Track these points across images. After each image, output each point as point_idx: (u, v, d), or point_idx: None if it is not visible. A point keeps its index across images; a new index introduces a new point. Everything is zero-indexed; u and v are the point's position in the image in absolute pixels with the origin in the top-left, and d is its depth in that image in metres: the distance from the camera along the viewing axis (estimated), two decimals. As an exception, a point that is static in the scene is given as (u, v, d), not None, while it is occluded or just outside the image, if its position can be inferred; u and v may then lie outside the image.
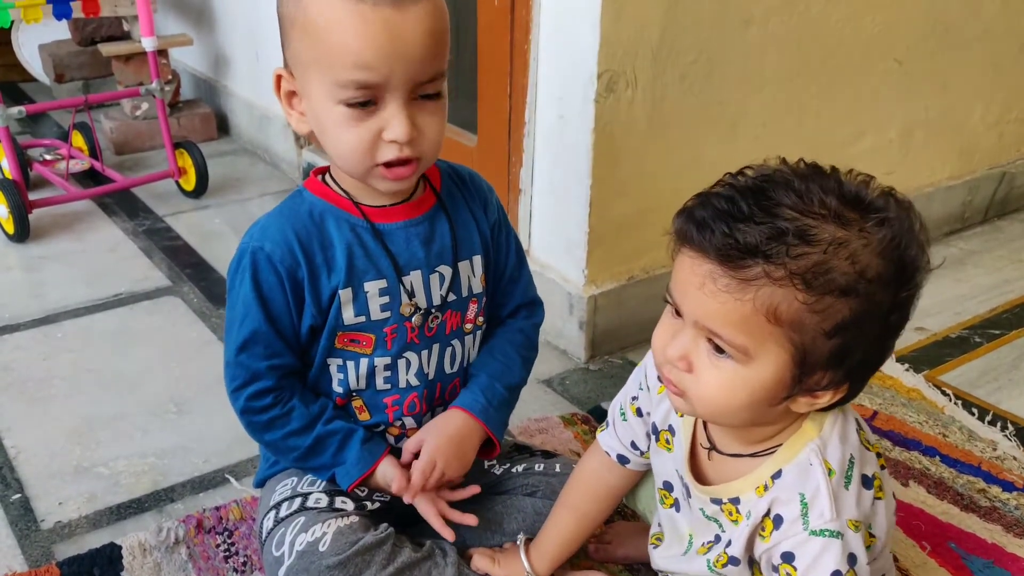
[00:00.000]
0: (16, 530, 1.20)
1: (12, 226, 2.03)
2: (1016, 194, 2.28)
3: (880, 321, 0.74)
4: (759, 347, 0.74)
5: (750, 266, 0.71)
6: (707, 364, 0.77)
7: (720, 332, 0.74)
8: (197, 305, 1.79)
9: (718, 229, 0.72)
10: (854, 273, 0.71)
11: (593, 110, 1.44)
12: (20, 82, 3.16)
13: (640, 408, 0.98)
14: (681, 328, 0.78)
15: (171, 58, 2.79)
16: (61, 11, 2.16)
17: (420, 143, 0.92)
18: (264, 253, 0.97)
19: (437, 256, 1.04)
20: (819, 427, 0.81)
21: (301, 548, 0.97)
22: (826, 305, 0.71)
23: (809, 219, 0.71)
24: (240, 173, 2.53)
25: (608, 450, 1.03)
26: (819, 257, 0.70)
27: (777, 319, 0.72)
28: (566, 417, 1.43)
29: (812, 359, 0.74)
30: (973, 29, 1.94)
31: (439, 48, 0.90)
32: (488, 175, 1.69)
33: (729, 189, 0.75)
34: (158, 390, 1.50)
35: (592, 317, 1.57)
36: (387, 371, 1.04)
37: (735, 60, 1.57)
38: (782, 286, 0.71)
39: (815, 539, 0.77)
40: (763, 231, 0.71)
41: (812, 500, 0.78)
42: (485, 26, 1.61)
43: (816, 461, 0.79)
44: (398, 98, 0.89)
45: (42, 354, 1.62)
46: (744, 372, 0.75)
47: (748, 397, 0.76)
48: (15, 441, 1.37)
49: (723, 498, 0.85)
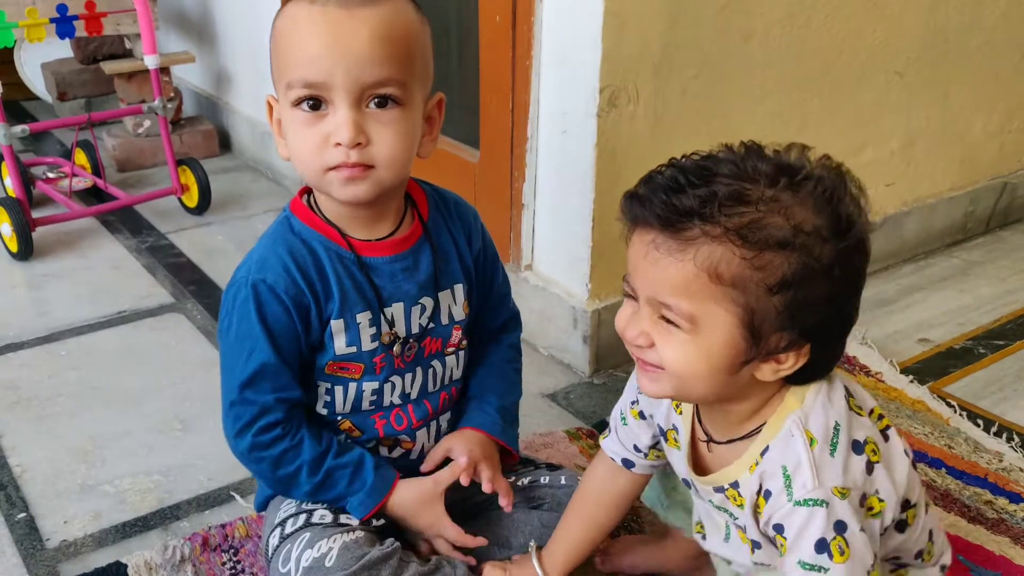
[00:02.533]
0: (22, 549, 1.20)
1: (16, 244, 2.03)
2: (1018, 204, 2.28)
3: (825, 277, 0.75)
4: (705, 312, 0.76)
5: (688, 227, 0.75)
6: (664, 339, 0.79)
7: (667, 301, 0.77)
8: (201, 322, 1.79)
9: (657, 199, 0.76)
10: (789, 227, 0.74)
11: (595, 125, 1.44)
12: (23, 100, 3.17)
13: (642, 411, 1.00)
14: (637, 309, 0.81)
15: (173, 75, 2.80)
16: (64, 30, 2.17)
17: (370, 151, 0.92)
18: (266, 285, 0.97)
19: (420, 288, 1.05)
20: (801, 399, 0.83)
21: (307, 564, 0.97)
22: (766, 261, 0.74)
23: (744, 183, 0.75)
24: (242, 189, 2.54)
25: (613, 455, 1.04)
26: (754, 214, 0.74)
27: (719, 278, 0.74)
28: (571, 431, 1.42)
29: (760, 319, 0.76)
30: (973, 40, 1.95)
31: (391, 54, 0.90)
32: (490, 190, 1.70)
33: (671, 168, 0.79)
34: (163, 407, 1.50)
35: (596, 331, 1.57)
36: (374, 395, 1.06)
37: (736, 74, 1.58)
38: (721, 243, 0.74)
39: (800, 509, 0.79)
40: (699, 195, 0.75)
41: (794, 472, 0.80)
42: (487, 42, 1.62)
43: (797, 432, 0.81)
44: (345, 101, 0.90)
45: (47, 372, 1.62)
46: (696, 341, 0.77)
47: (706, 366, 0.78)
48: (20, 459, 1.37)
49: (724, 484, 0.87)
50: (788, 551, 0.80)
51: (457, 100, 1.89)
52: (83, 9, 2.21)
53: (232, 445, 1.03)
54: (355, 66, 0.89)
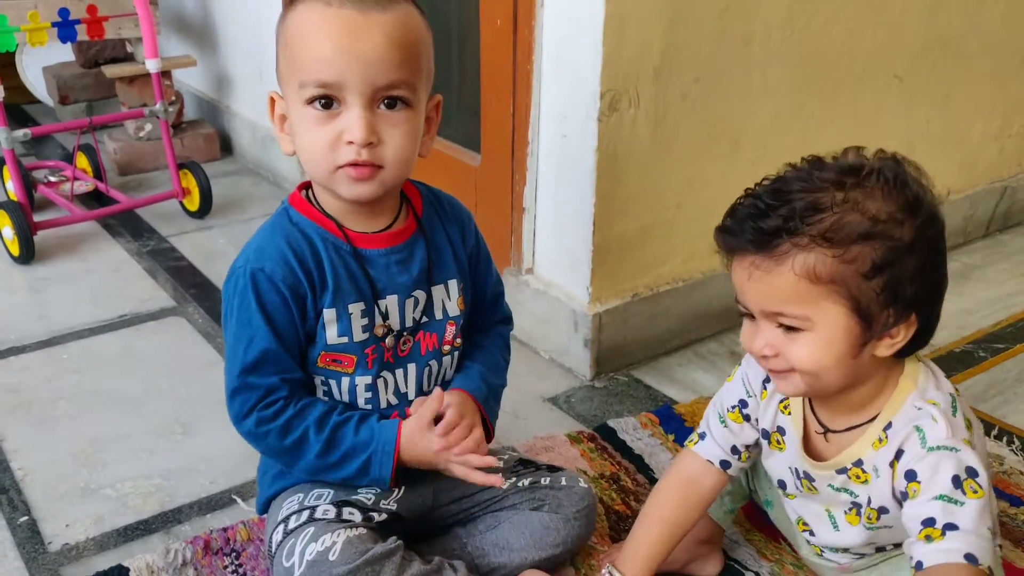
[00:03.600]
0: (24, 552, 1.20)
1: (17, 248, 2.03)
2: (1018, 207, 2.28)
3: (910, 253, 0.85)
4: (817, 310, 0.86)
5: (779, 244, 0.85)
6: (788, 345, 0.89)
7: (781, 310, 0.87)
8: (202, 325, 1.80)
9: (746, 227, 0.87)
10: (866, 219, 0.84)
11: (596, 129, 1.45)
12: (24, 104, 3.17)
13: (748, 415, 1.05)
14: (756, 325, 0.91)
15: (174, 79, 2.80)
16: (66, 34, 2.17)
17: (380, 151, 0.95)
18: (264, 274, 0.99)
19: (415, 281, 1.07)
20: (915, 382, 0.92)
21: (311, 558, 0.98)
22: (854, 254, 0.84)
23: (816, 193, 0.85)
24: (243, 193, 2.54)
25: (711, 458, 1.07)
26: (832, 217, 0.84)
27: (818, 278, 0.84)
28: (572, 435, 1.43)
29: (866, 303, 0.85)
30: (973, 44, 1.95)
31: (403, 58, 0.93)
32: (491, 194, 1.70)
33: (749, 197, 0.90)
34: (164, 411, 1.50)
35: (597, 335, 1.57)
36: (368, 392, 1.07)
37: (736, 77, 1.58)
38: (810, 250, 0.84)
39: (932, 453, 0.87)
40: (780, 214, 0.85)
41: (928, 428, 0.89)
42: (487, 46, 1.62)
43: (921, 403, 0.91)
44: (357, 101, 0.93)
45: (48, 375, 1.62)
46: (817, 337, 0.87)
47: (833, 355, 0.87)
48: (22, 463, 1.38)
49: (847, 465, 0.95)
50: (922, 492, 0.87)
51: (458, 103, 1.90)
52: (85, 13, 2.22)
53: (238, 427, 1.03)
54: (369, 69, 0.92)
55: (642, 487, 1.31)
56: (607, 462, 1.37)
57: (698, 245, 1.68)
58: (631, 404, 1.55)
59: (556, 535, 1.11)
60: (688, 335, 1.73)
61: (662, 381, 1.62)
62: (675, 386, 1.60)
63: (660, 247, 1.63)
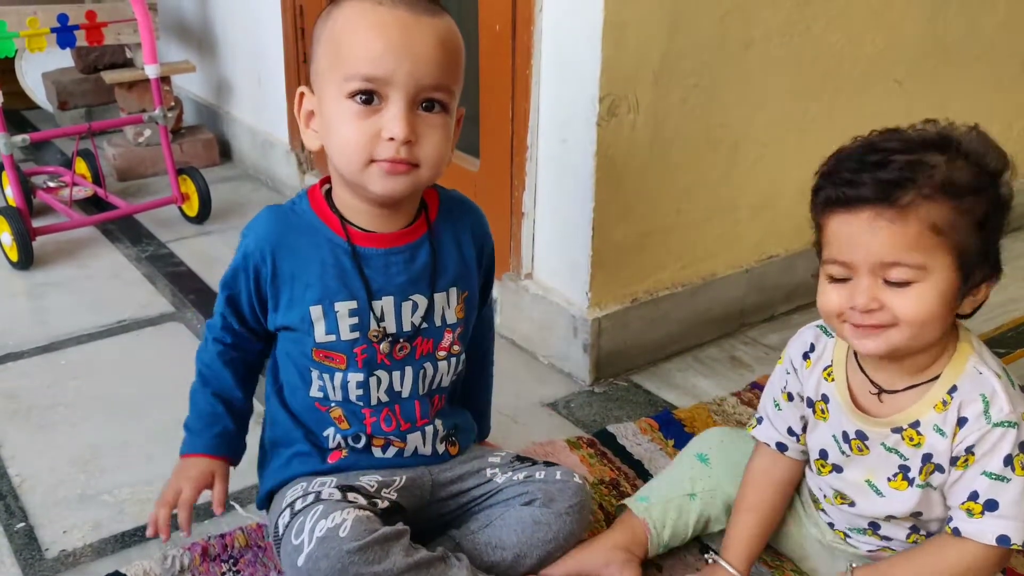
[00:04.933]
0: (21, 559, 1.19)
1: (16, 253, 2.03)
2: (1018, 212, 2.25)
3: (1003, 210, 0.90)
4: (932, 260, 0.88)
5: (903, 195, 0.86)
6: (896, 297, 0.89)
7: (900, 259, 0.88)
8: (201, 331, 1.79)
9: (867, 179, 0.88)
10: (977, 172, 0.88)
11: (595, 134, 1.44)
12: (23, 110, 3.17)
13: (790, 392, 1.09)
14: (854, 282, 0.91)
15: (173, 85, 2.80)
16: (65, 40, 2.18)
17: (417, 150, 0.97)
18: (246, 242, 1.06)
19: (413, 284, 1.07)
20: (971, 345, 0.96)
21: (321, 534, 0.98)
22: (969, 204, 0.87)
23: (916, 153, 0.88)
24: (243, 198, 2.54)
25: (767, 441, 1.11)
26: (946, 170, 0.87)
27: (938, 229, 0.87)
28: (572, 440, 1.42)
29: (969, 256, 0.89)
30: (973, 49, 1.95)
31: (449, 62, 0.97)
32: (491, 199, 1.70)
33: (844, 156, 0.92)
34: (163, 417, 1.50)
35: (596, 340, 1.57)
36: (359, 389, 1.08)
37: (736, 82, 1.58)
38: (932, 200, 0.86)
39: (996, 429, 0.91)
40: (895, 167, 0.87)
41: (992, 398, 0.92)
42: (486, 51, 1.62)
43: (984, 369, 0.94)
44: (401, 99, 0.95)
45: (46, 381, 1.61)
46: (928, 287, 0.89)
47: (940, 306, 0.89)
48: (19, 469, 1.37)
49: (903, 424, 0.97)
50: (974, 464, 0.92)
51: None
52: (84, 19, 2.22)
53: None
54: (419, 66, 0.95)
55: (642, 493, 1.31)
56: (607, 467, 1.36)
57: (698, 250, 1.68)
58: (631, 409, 1.54)
59: (548, 530, 1.10)
60: (688, 340, 1.73)
61: (662, 386, 1.62)
62: (675, 391, 1.60)
63: (660, 252, 1.63)
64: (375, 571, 0.96)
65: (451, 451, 1.16)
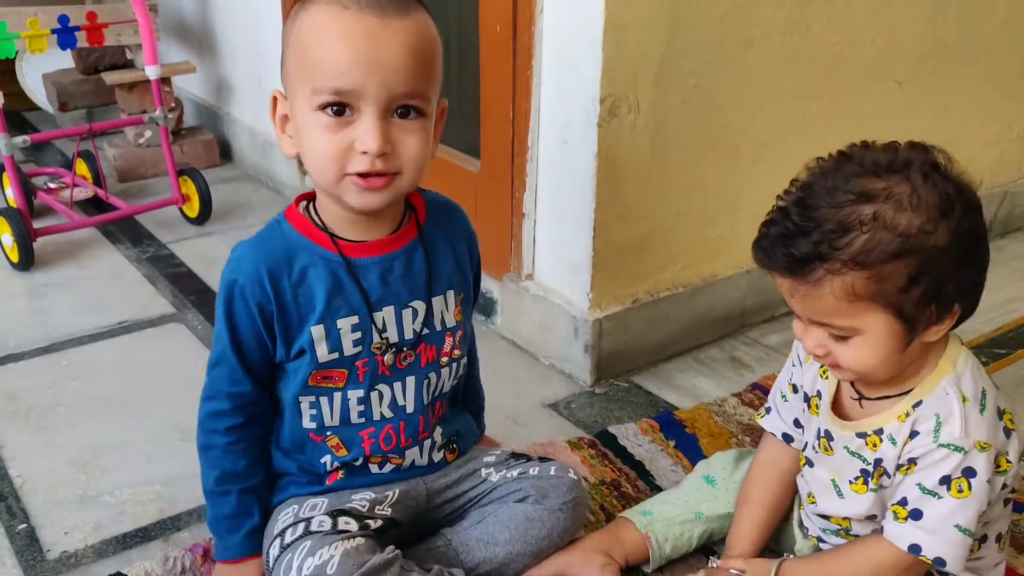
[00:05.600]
0: (22, 560, 1.19)
1: (17, 254, 2.03)
2: (1018, 213, 2.28)
3: (946, 254, 0.86)
4: (861, 320, 0.88)
5: (813, 271, 0.86)
6: (836, 348, 0.92)
7: (826, 322, 0.90)
8: (201, 332, 1.79)
9: (779, 252, 0.88)
10: (897, 236, 0.84)
11: (596, 134, 1.44)
12: (24, 111, 3.17)
13: (795, 384, 1.10)
14: (807, 327, 0.94)
15: (174, 86, 2.80)
16: (66, 41, 2.18)
17: (394, 160, 0.94)
18: (238, 285, 1.00)
19: (411, 291, 1.05)
20: (954, 364, 0.95)
21: (309, 572, 0.97)
22: (888, 272, 0.85)
23: (844, 209, 0.85)
24: (243, 199, 2.54)
25: (774, 431, 1.13)
26: (864, 238, 0.84)
27: (858, 296, 0.86)
28: (572, 441, 1.42)
29: (909, 308, 0.87)
30: (973, 49, 1.95)
31: (420, 67, 0.92)
32: (491, 200, 1.70)
33: (778, 212, 0.90)
34: (163, 418, 1.50)
35: (597, 340, 1.57)
36: (360, 405, 1.06)
37: (736, 83, 1.58)
38: (844, 275, 0.85)
39: (940, 449, 0.91)
40: (811, 239, 0.86)
41: (945, 420, 0.92)
42: (487, 51, 1.62)
43: (952, 391, 0.93)
44: (373, 110, 0.91)
45: (47, 382, 1.61)
46: (863, 341, 0.90)
47: (880, 356, 0.90)
48: (20, 470, 1.37)
49: (868, 431, 0.98)
50: (913, 473, 0.93)
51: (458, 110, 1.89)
52: (84, 20, 2.22)
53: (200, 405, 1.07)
54: (389, 78, 0.90)
55: (643, 493, 1.31)
56: (608, 468, 1.36)
57: (698, 251, 1.68)
58: (632, 410, 1.54)
59: (541, 527, 1.10)
60: (688, 341, 1.73)
61: (662, 387, 1.62)
62: (675, 392, 1.60)
63: (660, 253, 1.63)
64: None
65: (449, 458, 1.14)
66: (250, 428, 1.06)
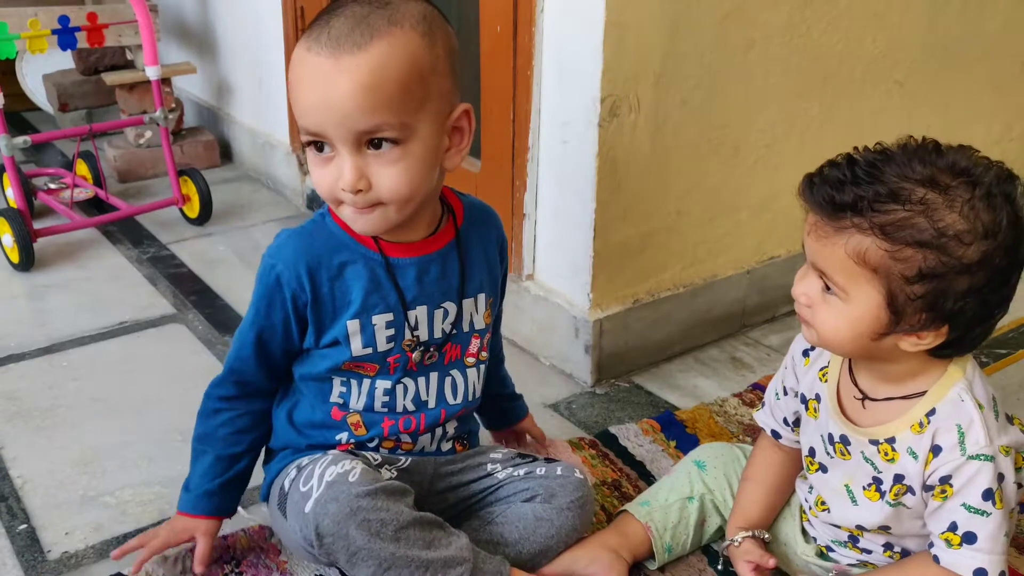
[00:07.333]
0: (23, 561, 1.19)
1: (17, 255, 2.03)
2: (1018, 213, 2.28)
3: (965, 273, 0.85)
4: (854, 287, 0.88)
5: (842, 219, 0.87)
6: (820, 301, 0.92)
7: (825, 270, 0.90)
8: (202, 332, 1.79)
9: (822, 190, 0.89)
10: (933, 229, 0.84)
11: (596, 135, 1.44)
12: (24, 111, 3.17)
13: (786, 386, 1.11)
14: (807, 271, 0.94)
15: (174, 86, 2.80)
16: (66, 42, 2.18)
17: (370, 194, 0.94)
18: (276, 271, 1.02)
19: (444, 293, 1.07)
20: (963, 371, 0.95)
21: (331, 479, 0.99)
22: (906, 255, 0.85)
23: (906, 183, 0.86)
24: (244, 200, 2.54)
25: (764, 426, 1.16)
26: (903, 214, 0.85)
27: (865, 262, 0.86)
28: (573, 441, 1.42)
29: (902, 301, 0.87)
30: (973, 50, 1.95)
31: (378, 101, 0.90)
32: (492, 200, 1.69)
33: (846, 159, 0.90)
34: (164, 418, 1.50)
35: (598, 341, 1.57)
36: (386, 396, 1.08)
37: (737, 83, 1.58)
38: (866, 235, 0.86)
39: (972, 462, 0.91)
40: (858, 191, 0.86)
41: (968, 429, 0.91)
42: (487, 52, 1.62)
43: (967, 397, 0.93)
44: (344, 146, 0.93)
45: (47, 383, 1.61)
46: (845, 308, 0.90)
47: (852, 330, 0.91)
48: (21, 471, 1.37)
49: (880, 439, 0.97)
50: (953, 496, 0.92)
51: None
52: (85, 20, 2.22)
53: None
54: (343, 118, 0.91)
55: (644, 494, 1.31)
56: (608, 468, 1.36)
57: (699, 251, 1.68)
58: (632, 410, 1.54)
59: (550, 526, 1.11)
60: (689, 341, 1.73)
61: (663, 387, 1.62)
62: (676, 392, 1.60)
63: (661, 253, 1.63)
64: (382, 518, 0.97)
65: (458, 449, 1.17)
66: (239, 403, 1.10)
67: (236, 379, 1.09)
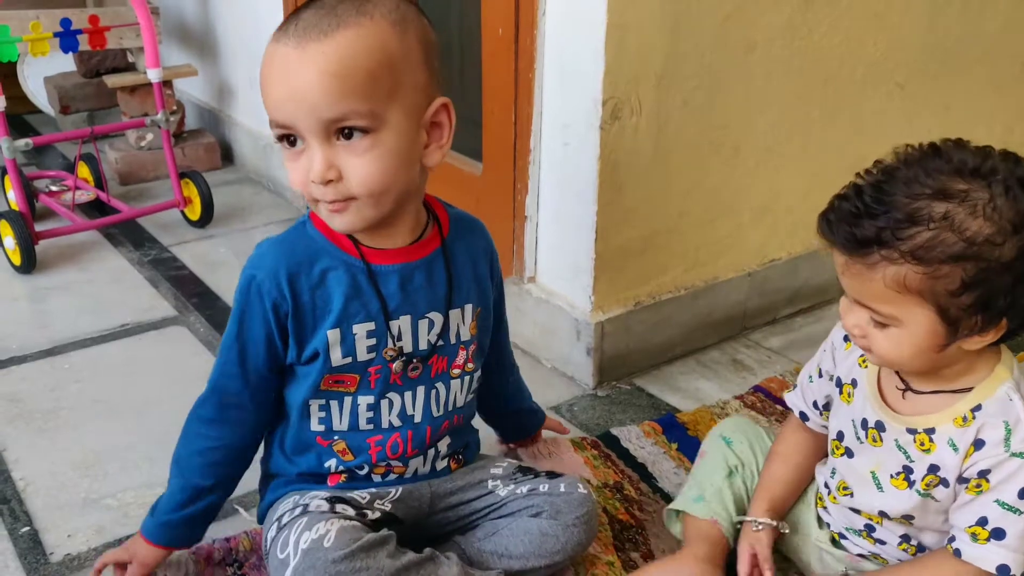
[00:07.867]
0: (26, 563, 1.19)
1: (19, 257, 2.03)
2: (1019, 215, 2.27)
3: (1006, 271, 0.85)
4: (904, 312, 0.88)
5: (870, 254, 0.87)
6: (873, 333, 0.92)
7: (871, 305, 0.90)
8: (203, 335, 1.79)
9: (841, 229, 0.88)
10: (962, 241, 0.84)
11: (598, 137, 1.45)
12: (26, 114, 3.18)
13: (822, 369, 1.11)
14: (852, 305, 0.94)
15: (175, 88, 2.80)
16: (68, 44, 2.18)
17: (341, 186, 0.92)
18: (256, 281, 1.00)
19: (429, 302, 1.05)
20: (1010, 371, 0.95)
21: (306, 546, 0.96)
22: (944, 272, 0.85)
23: (918, 202, 0.85)
24: (245, 202, 2.54)
25: (793, 407, 1.17)
26: (928, 234, 0.84)
27: (907, 289, 0.86)
28: (576, 441, 1.42)
29: (954, 313, 0.87)
30: (974, 51, 1.95)
31: (344, 88, 0.88)
32: (494, 203, 1.70)
33: (853, 188, 0.90)
34: (165, 420, 1.49)
35: (600, 343, 1.57)
36: (370, 411, 1.06)
37: (738, 85, 1.58)
38: (900, 264, 0.85)
39: (1014, 459, 0.91)
40: (877, 223, 0.86)
41: (1015, 427, 0.92)
42: (489, 54, 1.62)
43: (1016, 397, 0.93)
44: (313, 138, 0.91)
45: (49, 385, 1.62)
46: (901, 333, 0.90)
47: (913, 350, 0.91)
48: (23, 473, 1.37)
49: (918, 428, 0.97)
50: (989, 491, 0.92)
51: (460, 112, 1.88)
52: (86, 23, 2.22)
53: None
54: (310, 108, 0.89)
55: (645, 496, 1.31)
56: (610, 470, 1.36)
57: (700, 253, 1.68)
58: (634, 413, 1.54)
59: (556, 542, 1.10)
60: (691, 344, 1.73)
61: (665, 390, 1.62)
62: (678, 395, 1.60)
63: (662, 255, 1.63)
64: None
65: (453, 466, 1.15)
66: (216, 429, 1.06)
67: (219, 399, 1.05)
